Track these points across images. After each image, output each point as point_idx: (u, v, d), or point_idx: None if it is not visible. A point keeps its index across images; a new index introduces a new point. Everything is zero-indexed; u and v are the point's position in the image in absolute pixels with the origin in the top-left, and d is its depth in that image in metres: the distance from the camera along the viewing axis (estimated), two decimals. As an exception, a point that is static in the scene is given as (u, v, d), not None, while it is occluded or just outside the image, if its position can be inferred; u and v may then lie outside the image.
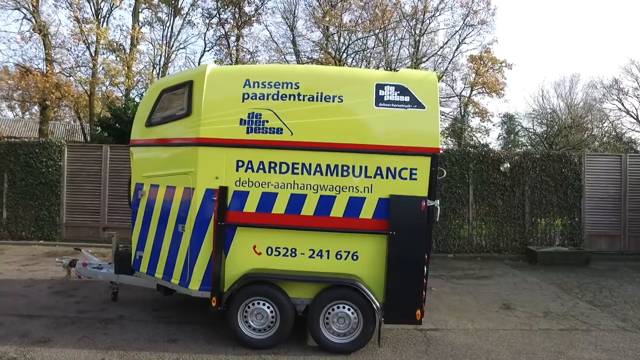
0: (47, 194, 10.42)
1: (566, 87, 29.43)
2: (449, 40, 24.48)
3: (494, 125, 30.02)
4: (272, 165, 4.66)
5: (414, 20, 23.70)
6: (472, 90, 28.26)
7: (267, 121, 4.67)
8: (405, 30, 23.63)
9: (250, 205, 4.67)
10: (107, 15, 21.77)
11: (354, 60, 22.33)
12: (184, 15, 24.46)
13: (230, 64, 23.96)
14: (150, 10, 24.28)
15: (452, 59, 25.09)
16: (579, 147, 24.15)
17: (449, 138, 28.13)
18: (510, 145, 28.31)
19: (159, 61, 23.52)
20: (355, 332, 4.49)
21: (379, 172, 4.59)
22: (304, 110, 4.67)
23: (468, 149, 12.53)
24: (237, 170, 4.68)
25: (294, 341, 4.65)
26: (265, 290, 4.54)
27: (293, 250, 4.66)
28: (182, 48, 28.57)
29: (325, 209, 4.61)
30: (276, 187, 4.65)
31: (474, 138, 28.47)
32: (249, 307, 4.55)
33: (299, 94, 4.69)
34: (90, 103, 20.54)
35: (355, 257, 4.62)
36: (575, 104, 28.60)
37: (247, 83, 4.75)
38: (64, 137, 24.92)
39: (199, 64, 25.06)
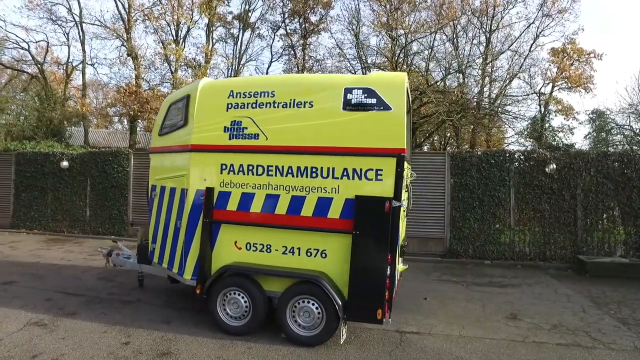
0: (117, 196, 12.13)
1: (674, 75, 25.21)
2: (522, 33, 22.72)
3: (580, 123, 26.99)
4: (250, 167, 5.09)
5: (484, 16, 22.47)
6: (553, 87, 25.80)
7: (247, 128, 5.11)
8: (475, 27, 22.53)
9: (232, 204, 5.13)
10: (186, 35, 24.38)
11: (417, 61, 21.84)
12: (253, 29, 26.26)
13: (298, 72, 25.07)
14: (224, 28, 26.55)
15: (528, 54, 23.12)
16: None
17: (527, 139, 25.93)
18: (600, 145, 25.10)
19: (230, 74, 25.49)
20: (319, 327, 4.69)
21: (345, 173, 4.75)
22: (278, 116, 5.02)
23: (509, 148, 11.63)
24: (221, 172, 5.19)
25: (271, 332, 4.98)
26: (239, 281, 4.97)
27: (268, 246, 5.01)
28: (251, 60, 30.58)
29: (296, 208, 4.89)
30: (253, 187, 5.06)
31: (556, 138, 25.88)
32: (226, 297, 5.02)
33: (274, 102, 5.06)
34: (171, 115, 23.08)
35: (324, 255, 4.82)
36: (687, 94, 24.40)
37: (231, 94, 5.24)
38: (148, 146, 28.17)
39: (266, 74, 26.66)
